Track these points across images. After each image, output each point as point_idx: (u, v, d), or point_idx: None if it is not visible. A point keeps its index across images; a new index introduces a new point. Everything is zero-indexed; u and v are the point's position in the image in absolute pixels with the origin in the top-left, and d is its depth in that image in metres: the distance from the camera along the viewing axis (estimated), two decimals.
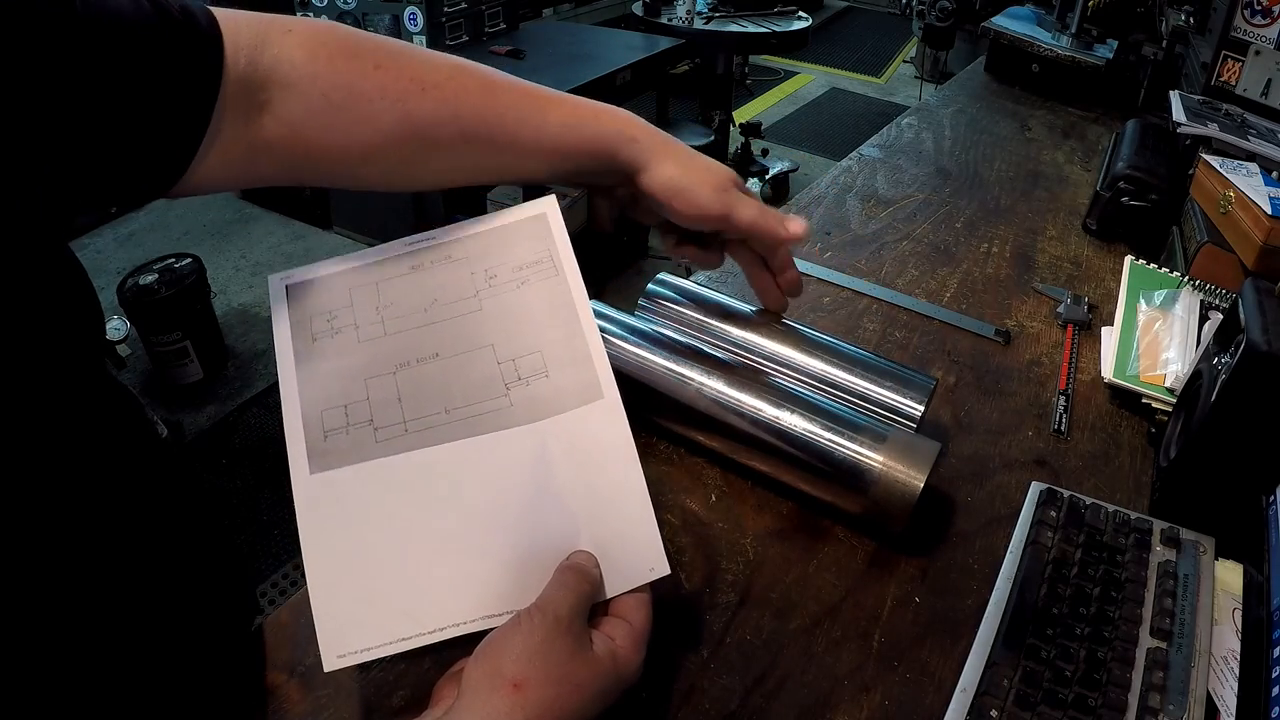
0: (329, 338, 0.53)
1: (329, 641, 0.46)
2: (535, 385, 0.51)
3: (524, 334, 0.52)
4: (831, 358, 0.67)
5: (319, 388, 0.51)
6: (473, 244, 0.56)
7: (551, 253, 0.55)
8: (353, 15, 2.79)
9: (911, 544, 0.61)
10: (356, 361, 0.52)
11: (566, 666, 0.41)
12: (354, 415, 0.50)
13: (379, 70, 0.50)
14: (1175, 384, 0.73)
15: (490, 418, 0.50)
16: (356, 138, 0.51)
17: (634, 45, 2.90)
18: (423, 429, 0.50)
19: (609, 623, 0.45)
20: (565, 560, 0.46)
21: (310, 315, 0.54)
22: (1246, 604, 0.54)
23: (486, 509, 0.48)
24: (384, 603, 0.47)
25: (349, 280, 0.55)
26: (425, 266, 0.55)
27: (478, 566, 0.47)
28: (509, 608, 0.46)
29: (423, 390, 0.51)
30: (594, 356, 0.51)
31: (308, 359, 0.52)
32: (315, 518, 0.48)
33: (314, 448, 0.49)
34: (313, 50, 0.49)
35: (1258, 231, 0.82)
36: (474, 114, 0.53)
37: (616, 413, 0.50)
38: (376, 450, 0.49)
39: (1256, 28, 1.14)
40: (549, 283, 0.54)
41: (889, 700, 0.52)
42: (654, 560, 0.48)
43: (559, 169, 0.57)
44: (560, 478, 0.49)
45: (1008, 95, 1.60)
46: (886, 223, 1.09)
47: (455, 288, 0.54)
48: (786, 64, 5.42)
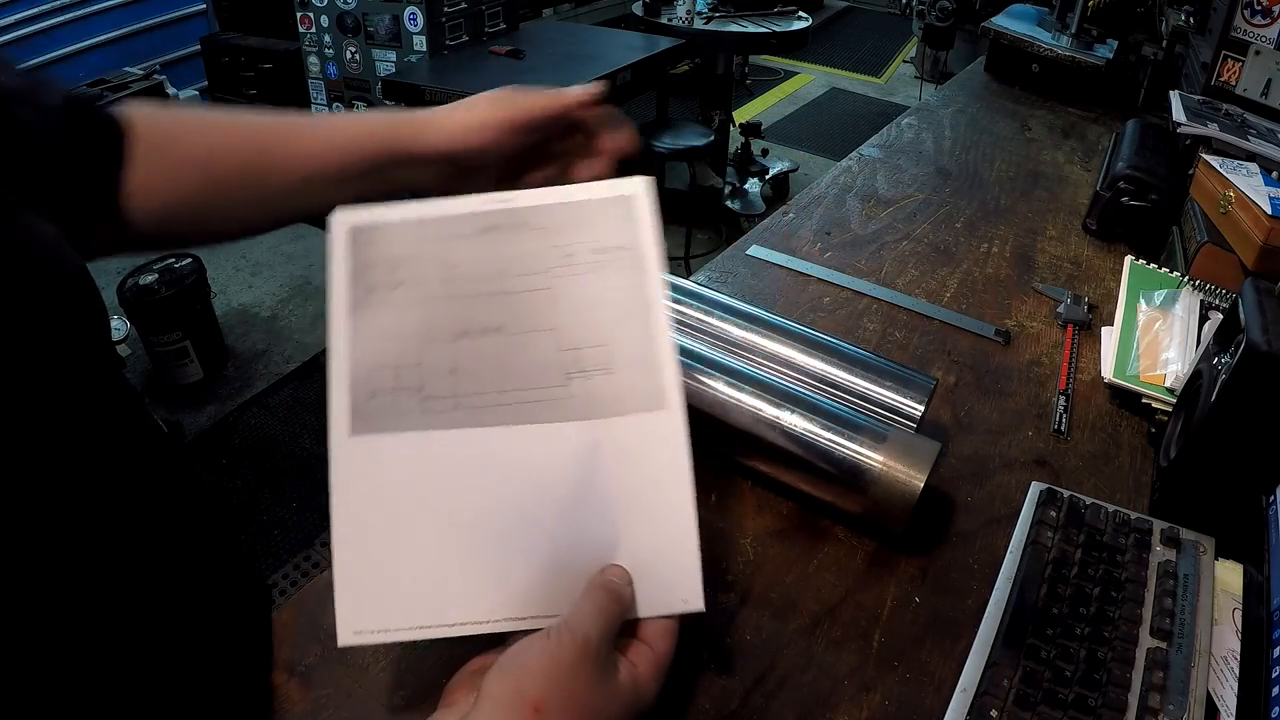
0: (388, 290, 0.49)
1: (347, 616, 0.44)
2: (597, 381, 0.48)
3: (593, 323, 0.49)
4: (831, 358, 0.67)
5: (371, 343, 0.48)
6: (553, 214, 0.51)
7: (636, 240, 0.50)
8: (353, 15, 2.79)
9: (911, 544, 0.61)
10: (414, 321, 0.49)
11: (589, 694, 0.40)
12: (403, 379, 0.47)
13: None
14: (1175, 384, 0.73)
15: (545, 407, 0.47)
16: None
17: (634, 45, 2.90)
18: (473, 407, 0.47)
19: (634, 648, 0.45)
20: (599, 575, 0.45)
21: (371, 262, 0.50)
22: (1246, 604, 0.54)
23: (526, 504, 0.46)
24: (408, 585, 0.45)
25: (417, 231, 0.51)
26: (500, 230, 0.51)
27: (509, 564, 0.45)
28: (533, 612, 0.45)
29: (480, 364, 0.48)
30: (664, 362, 0.48)
31: (362, 310, 0.49)
32: (349, 483, 0.46)
33: (358, 408, 0.47)
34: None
35: (1258, 231, 0.82)
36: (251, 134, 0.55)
37: (678, 427, 0.47)
38: (422, 421, 0.47)
39: (1256, 28, 1.14)
40: (628, 273, 0.50)
41: (889, 700, 0.52)
42: (689, 592, 0.45)
43: (350, 171, 0.57)
44: (607, 485, 0.46)
45: (1008, 95, 1.60)
46: (886, 223, 1.09)
47: (528, 260, 0.50)
48: (786, 64, 5.42)
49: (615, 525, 0.46)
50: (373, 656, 0.52)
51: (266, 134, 0.56)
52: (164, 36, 3.35)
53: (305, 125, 0.57)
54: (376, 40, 2.79)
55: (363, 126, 0.57)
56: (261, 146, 0.55)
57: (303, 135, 0.56)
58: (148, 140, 0.52)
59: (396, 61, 2.78)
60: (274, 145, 0.56)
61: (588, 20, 4.56)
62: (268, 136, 0.56)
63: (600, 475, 0.46)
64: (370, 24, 2.77)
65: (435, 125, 0.57)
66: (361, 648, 0.53)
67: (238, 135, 0.56)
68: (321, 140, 0.56)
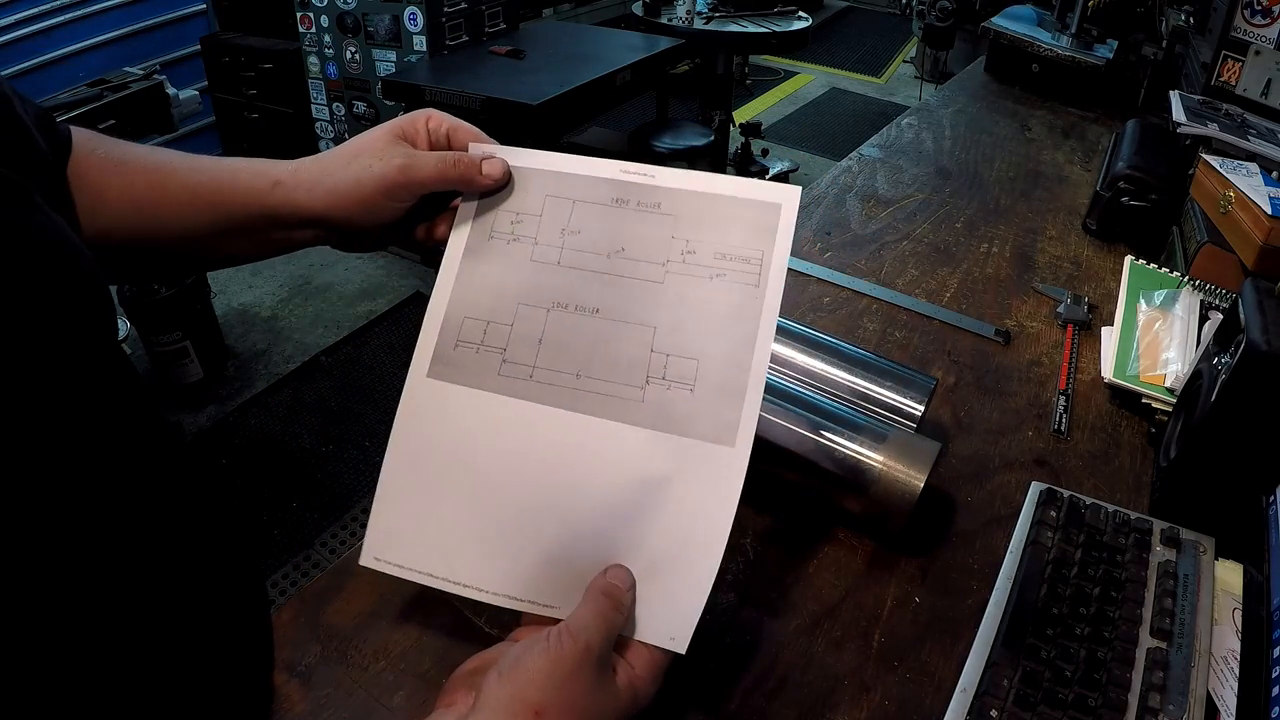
0: (504, 241, 0.49)
1: (373, 541, 0.46)
2: (675, 394, 0.46)
3: (692, 332, 0.47)
4: (831, 358, 0.67)
5: (473, 292, 0.49)
6: (687, 202, 0.49)
7: (765, 256, 0.48)
8: (353, 15, 2.79)
9: (911, 544, 0.61)
10: (519, 280, 0.48)
11: (588, 698, 0.41)
12: (491, 336, 0.48)
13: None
14: (1175, 384, 0.73)
15: (616, 404, 0.46)
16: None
17: (634, 45, 2.90)
18: (547, 383, 0.47)
19: (632, 650, 0.45)
20: (601, 579, 0.45)
21: (498, 208, 0.50)
22: (1246, 604, 0.54)
23: (564, 495, 0.46)
24: (434, 533, 0.46)
25: (548, 185, 0.50)
26: (629, 205, 0.50)
27: (528, 545, 0.46)
28: (534, 598, 0.45)
29: (567, 342, 0.47)
30: (748, 397, 0.46)
31: (476, 256, 0.49)
32: (413, 422, 0.47)
33: (441, 353, 0.48)
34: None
35: (1258, 231, 0.82)
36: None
37: (738, 470, 0.45)
38: (496, 383, 0.47)
39: (1256, 28, 1.14)
40: (744, 290, 0.47)
41: (889, 700, 0.52)
42: (679, 631, 0.44)
43: (225, 230, 0.52)
44: (647, 502, 0.45)
45: (1008, 95, 1.60)
46: (886, 223, 1.09)
47: (648, 245, 0.49)
48: (786, 64, 5.42)
49: (641, 543, 0.46)
50: (373, 656, 0.52)
51: (152, 185, 0.52)
52: (164, 36, 3.34)
53: (187, 180, 0.52)
54: (376, 40, 2.79)
55: (234, 189, 0.52)
56: (152, 198, 0.51)
57: (182, 192, 0.52)
58: (74, 165, 0.50)
59: (396, 61, 2.78)
60: (154, 198, 0.51)
61: (588, 20, 4.56)
62: (153, 189, 0.51)
63: (644, 491, 0.46)
64: (370, 24, 2.77)
65: (305, 186, 0.51)
66: (362, 649, 0.53)
67: (132, 179, 0.52)
68: (201, 201, 0.52)
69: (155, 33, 3.31)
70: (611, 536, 0.46)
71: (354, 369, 2.53)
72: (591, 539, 0.46)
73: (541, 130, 2.34)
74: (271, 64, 3.07)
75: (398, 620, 0.54)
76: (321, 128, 3.12)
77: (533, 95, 2.31)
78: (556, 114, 2.37)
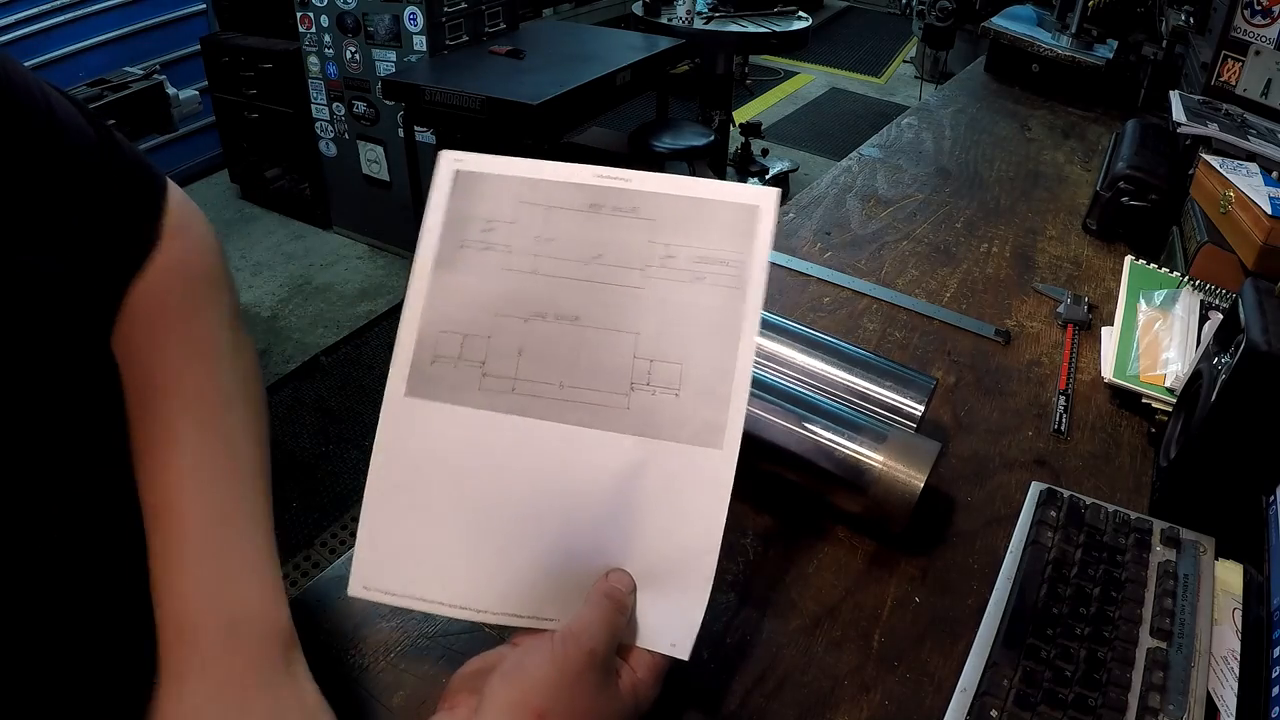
0: (477, 251, 0.48)
1: (361, 570, 0.45)
2: (660, 400, 0.46)
3: (674, 337, 0.47)
4: (831, 358, 0.67)
5: (446, 305, 0.47)
6: (665, 206, 0.48)
7: (745, 259, 0.47)
8: (353, 15, 2.79)
9: (911, 544, 0.61)
10: (493, 291, 0.47)
11: (590, 701, 0.41)
12: (468, 350, 0.46)
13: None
14: (1175, 384, 0.73)
15: (601, 413, 0.46)
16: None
17: (634, 45, 2.90)
18: (530, 395, 0.46)
19: (634, 653, 0.45)
20: (603, 583, 0.45)
21: (468, 216, 0.48)
22: (1246, 604, 0.54)
23: (555, 507, 0.45)
24: (425, 557, 0.45)
25: (521, 191, 0.49)
26: (604, 211, 0.48)
27: (521, 562, 0.45)
28: (533, 613, 0.45)
29: (547, 352, 0.46)
30: (734, 400, 0.45)
31: (447, 267, 0.47)
32: (393, 442, 0.46)
33: (417, 369, 0.46)
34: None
35: (1258, 231, 0.82)
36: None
37: (727, 471, 0.45)
38: (477, 398, 0.46)
39: (1256, 28, 1.14)
40: (725, 293, 0.47)
41: (889, 700, 0.52)
42: (681, 638, 0.44)
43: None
44: (639, 509, 0.45)
45: (1008, 95, 1.60)
46: (886, 223, 1.09)
47: (626, 251, 0.48)
48: (786, 64, 5.42)
49: (635, 551, 0.45)
50: (373, 657, 0.52)
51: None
52: (164, 36, 3.35)
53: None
54: (376, 40, 2.79)
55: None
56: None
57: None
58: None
59: (396, 61, 2.78)
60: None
61: (588, 20, 4.56)
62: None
63: (635, 498, 0.45)
64: (370, 24, 2.77)
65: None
66: (362, 649, 0.53)
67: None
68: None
69: (155, 33, 3.32)
70: (607, 545, 0.46)
71: (354, 369, 2.53)
72: (587, 549, 0.45)
73: (541, 130, 2.34)
74: (271, 64, 3.07)
75: (398, 620, 0.54)
76: (321, 127, 3.12)
77: (533, 95, 2.31)
78: (556, 114, 2.37)
